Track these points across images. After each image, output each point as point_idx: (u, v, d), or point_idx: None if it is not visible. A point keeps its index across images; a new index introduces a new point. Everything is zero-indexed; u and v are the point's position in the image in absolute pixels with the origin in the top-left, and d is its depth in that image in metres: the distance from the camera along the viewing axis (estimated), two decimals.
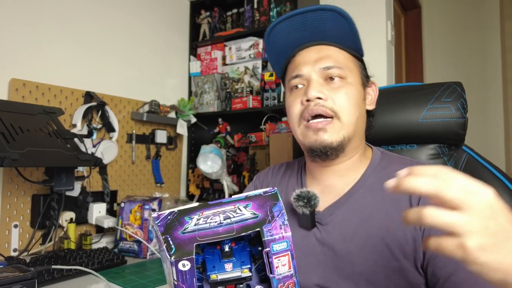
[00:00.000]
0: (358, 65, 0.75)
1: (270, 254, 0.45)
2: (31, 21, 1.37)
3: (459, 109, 0.80)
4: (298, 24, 0.71)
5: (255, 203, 0.47)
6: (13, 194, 1.29)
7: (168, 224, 0.44)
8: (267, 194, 0.48)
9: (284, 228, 0.45)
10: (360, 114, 0.72)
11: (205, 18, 2.08)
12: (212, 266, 0.47)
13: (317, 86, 0.68)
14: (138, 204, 1.37)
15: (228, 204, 0.47)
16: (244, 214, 0.46)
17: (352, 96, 0.69)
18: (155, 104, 1.77)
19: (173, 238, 0.43)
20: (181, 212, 0.46)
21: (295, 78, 0.73)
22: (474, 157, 0.83)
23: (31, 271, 0.82)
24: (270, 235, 0.44)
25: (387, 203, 0.67)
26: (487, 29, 2.66)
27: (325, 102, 0.68)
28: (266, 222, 0.45)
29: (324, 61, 0.70)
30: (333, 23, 0.70)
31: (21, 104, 1.25)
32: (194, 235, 0.44)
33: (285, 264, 0.45)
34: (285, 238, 0.45)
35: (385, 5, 1.74)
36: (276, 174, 0.89)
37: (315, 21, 0.70)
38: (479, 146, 0.95)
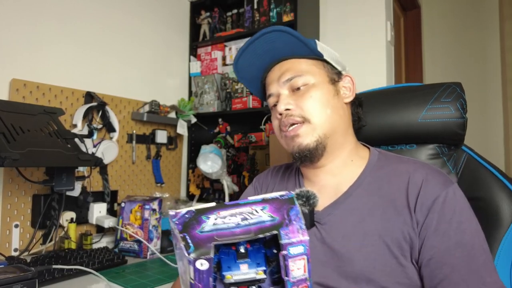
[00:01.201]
0: (322, 66, 0.77)
1: (287, 257, 0.45)
2: (32, 21, 1.37)
3: (459, 109, 0.80)
4: (252, 53, 0.79)
5: (271, 206, 0.47)
6: (13, 194, 1.29)
7: (186, 222, 0.45)
8: (283, 197, 0.48)
9: (301, 232, 0.45)
10: (333, 110, 0.74)
11: (205, 19, 2.09)
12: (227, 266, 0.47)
13: (285, 99, 0.74)
14: (138, 204, 1.37)
15: (245, 205, 0.47)
16: (261, 216, 0.46)
17: (317, 97, 0.73)
18: (155, 104, 1.78)
19: (191, 236, 0.43)
20: (199, 211, 0.46)
21: (269, 97, 0.79)
22: (473, 157, 0.83)
23: (31, 271, 0.82)
24: (288, 238, 0.45)
25: (384, 202, 0.68)
26: (486, 29, 2.67)
27: (293, 112, 0.73)
28: (283, 225, 0.45)
29: (284, 75, 0.76)
30: (280, 41, 0.76)
31: (22, 104, 1.26)
32: (212, 234, 0.44)
33: (300, 268, 0.45)
34: (302, 242, 0.45)
35: (384, 5, 1.74)
36: (275, 176, 0.90)
37: (264, 45, 0.77)
38: (479, 146, 0.95)
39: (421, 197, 0.64)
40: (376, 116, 0.88)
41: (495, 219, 0.74)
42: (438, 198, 0.63)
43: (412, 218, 0.64)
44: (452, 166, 0.83)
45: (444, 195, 0.64)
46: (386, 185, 0.69)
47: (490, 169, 0.79)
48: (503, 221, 0.73)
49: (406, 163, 0.72)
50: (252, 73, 0.83)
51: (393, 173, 0.71)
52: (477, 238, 0.61)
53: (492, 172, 0.78)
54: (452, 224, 0.62)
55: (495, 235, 0.74)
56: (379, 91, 0.95)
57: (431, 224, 0.62)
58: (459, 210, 0.63)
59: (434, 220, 0.62)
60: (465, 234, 0.61)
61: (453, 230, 0.61)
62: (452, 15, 2.82)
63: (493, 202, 0.75)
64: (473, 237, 0.61)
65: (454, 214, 0.62)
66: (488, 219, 0.75)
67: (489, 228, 0.74)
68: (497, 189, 0.76)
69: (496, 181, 0.77)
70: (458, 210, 0.63)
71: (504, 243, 0.73)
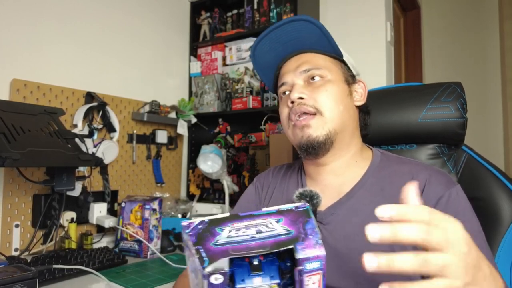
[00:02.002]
0: (339, 65, 0.78)
1: (303, 272, 0.44)
2: (32, 22, 1.37)
3: (459, 109, 0.80)
4: (275, 39, 0.77)
5: (287, 218, 0.47)
6: (14, 194, 1.29)
7: (200, 234, 0.43)
8: (298, 209, 0.48)
9: (318, 247, 0.44)
10: (345, 108, 0.74)
11: (205, 19, 2.09)
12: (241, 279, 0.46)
13: (299, 88, 0.73)
14: (138, 204, 1.38)
15: (259, 217, 0.46)
16: (276, 230, 0.45)
17: (332, 92, 0.73)
18: (156, 104, 1.78)
19: (206, 249, 0.42)
20: (212, 222, 0.45)
21: (281, 86, 0.78)
22: (473, 157, 0.83)
23: (32, 271, 0.83)
24: (304, 254, 0.44)
25: (386, 203, 0.67)
26: (486, 29, 2.67)
27: (306, 101, 0.72)
28: (299, 239, 0.45)
29: (303, 65, 0.75)
30: (306, 31, 0.75)
31: (22, 104, 1.26)
32: (226, 248, 0.43)
33: (315, 282, 0.45)
34: (319, 258, 0.44)
35: (384, 5, 1.74)
36: (276, 175, 0.89)
37: (290, 32, 0.76)
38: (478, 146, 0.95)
39: (423, 197, 0.64)
40: (376, 116, 0.88)
41: (495, 218, 0.75)
42: (442, 199, 0.64)
43: None
44: (452, 166, 0.83)
45: (448, 196, 0.64)
46: (388, 186, 0.70)
47: (490, 169, 0.79)
48: (503, 221, 0.74)
49: (409, 164, 0.72)
50: (268, 59, 0.81)
51: (395, 174, 0.71)
52: (479, 239, 0.62)
53: (492, 172, 0.78)
54: None
55: (495, 234, 0.74)
56: (379, 91, 0.95)
57: None
58: (462, 211, 0.63)
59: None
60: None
61: None
62: (452, 15, 2.82)
63: (493, 201, 0.76)
64: (474, 237, 0.61)
65: (456, 215, 0.62)
66: (488, 218, 0.75)
67: (489, 227, 0.74)
68: (497, 188, 0.76)
69: (496, 181, 0.77)
70: (460, 211, 0.63)
71: (504, 243, 0.73)
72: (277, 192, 0.85)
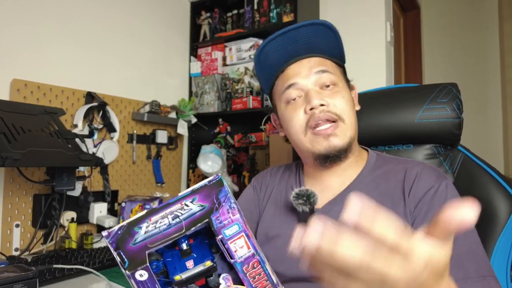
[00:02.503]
0: (342, 72, 0.78)
1: (224, 240, 0.44)
2: (32, 22, 1.38)
3: (455, 110, 0.81)
4: (290, 39, 0.74)
5: (201, 195, 0.46)
6: (14, 194, 1.30)
7: (119, 238, 0.43)
8: (211, 182, 0.46)
9: (231, 212, 0.45)
10: (355, 115, 0.75)
11: (205, 19, 2.09)
12: (173, 268, 0.47)
13: (317, 94, 0.71)
14: (139, 204, 1.38)
15: (175, 203, 0.46)
16: (191, 209, 0.45)
17: (347, 99, 0.73)
18: (156, 104, 1.78)
19: (125, 251, 0.43)
20: (130, 224, 0.44)
21: (289, 88, 0.74)
22: (469, 157, 0.83)
23: (32, 271, 0.83)
24: (219, 222, 0.44)
25: (382, 198, 0.69)
26: (486, 30, 2.67)
27: (328, 108, 0.70)
28: (213, 210, 0.45)
29: (316, 66, 0.73)
30: (323, 37, 0.74)
31: (23, 104, 1.26)
32: (144, 243, 0.43)
33: (242, 245, 0.45)
34: (234, 221, 0.45)
35: (384, 6, 1.75)
36: (274, 175, 0.90)
37: (307, 35, 0.74)
38: (478, 147, 0.96)
39: (414, 189, 0.67)
40: (373, 116, 0.89)
41: (491, 218, 0.75)
42: (430, 190, 0.65)
43: (405, 208, 0.66)
44: (448, 166, 0.84)
45: (436, 187, 0.66)
46: (384, 183, 0.71)
47: (486, 169, 0.79)
48: (499, 220, 0.74)
49: (404, 163, 0.74)
50: (274, 59, 0.77)
51: (391, 172, 0.72)
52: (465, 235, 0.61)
53: (487, 171, 0.79)
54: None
55: (491, 234, 0.74)
56: (376, 92, 0.95)
57: (420, 213, 0.64)
58: (449, 201, 0.63)
59: (423, 209, 0.64)
60: None
61: None
62: (451, 16, 2.82)
63: (489, 201, 0.76)
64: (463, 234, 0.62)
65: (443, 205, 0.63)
66: (484, 218, 0.75)
67: (485, 227, 0.75)
68: (492, 188, 0.77)
69: (492, 180, 0.77)
70: (448, 202, 0.63)
71: (500, 242, 0.73)
72: (275, 192, 0.86)
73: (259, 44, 1.88)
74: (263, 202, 0.87)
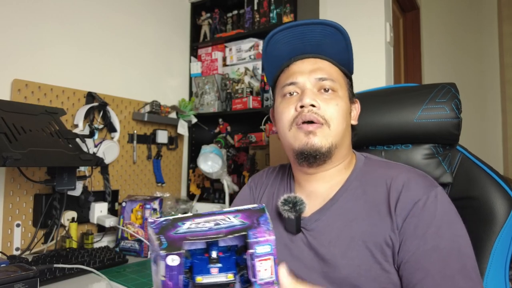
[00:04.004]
0: (347, 82, 0.77)
1: (254, 256, 0.46)
2: (33, 22, 1.39)
3: (454, 110, 0.81)
4: (298, 34, 0.73)
5: (243, 214, 0.50)
6: (15, 194, 1.30)
7: (163, 226, 0.47)
8: (255, 208, 0.51)
9: (268, 233, 0.47)
10: (347, 126, 0.74)
11: (205, 20, 2.10)
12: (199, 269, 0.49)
13: (311, 95, 0.71)
14: (139, 204, 1.39)
15: (220, 214, 0.50)
16: (233, 222, 0.49)
17: (341, 108, 0.72)
18: (156, 104, 1.79)
19: (166, 237, 0.46)
20: (175, 219, 0.49)
21: (289, 85, 0.74)
22: (468, 157, 0.84)
23: (33, 270, 0.83)
24: (255, 238, 0.47)
25: (369, 207, 0.68)
26: (485, 31, 2.68)
27: (317, 110, 0.70)
28: (252, 227, 0.48)
29: (318, 72, 0.73)
30: (331, 39, 0.73)
31: (24, 104, 1.27)
32: (184, 235, 0.46)
33: (267, 269, 0.47)
34: (268, 241, 0.47)
35: (384, 6, 1.75)
36: (269, 176, 0.90)
37: (316, 34, 0.73)
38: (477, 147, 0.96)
39: (400, 201, 0.64)
40: (372, 116, 0.89)
41: (489, 218, 0.75)
42: (418, 202, 0.63)
43: (393, 222, 0.64)
44: (447, 166, 0.84)
45: (425, 199, 0.63)
46: (371, 189, 0.70)
47: (484, 169, 0.79)
48: (497, 220, 0.74)
49: (392, 168, 0.72)
50: (281, 51, 0.76)
51: (378, 178, 0.70)
52: (457, 243, 0.60)
53: (486, 171, 0.79)
54: (430, 228, 0.61)
55: (490, 233, 0.74)
56: (375, 92, 0.96)
57: (409, 228, 0.62)
58: (440, 214, 0.62)
59: (412, 224, 0.62)
60: (442, 239, 0.60)
61: (430, 234, 0.60)
62: (451, 16, 2.83)
63: (487, 201, 0.76)
64: (452, 242, 0.60)
65: (433, 219, 0.62)
66: (482, 218, 0.75)
67: (483, 227, 0.75)
68: (491, 188, 0.76)
69: (490, 180, 0.77)
70: (438, 214, 0.62)
71: (499, 242, 0.73)
72: (267, 194, 0.86)
73: (259, 44, 1.89)
74: (257, 202, 0.87)
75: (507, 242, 0.74)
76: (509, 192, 0.76)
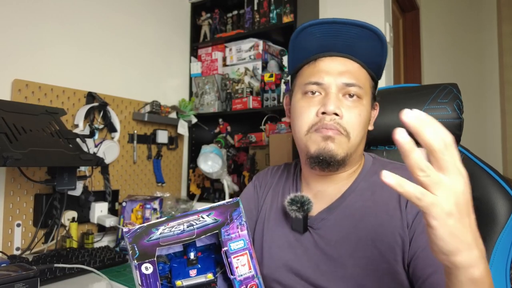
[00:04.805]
0: (372, 87, 0.75)
1: (229, 253, 0.47)
2: (34, 22, 1.38)
3: (455, 110, 0.81)
4: (333, 32, 0.70)
5: (217, 211, 0.50)
6: (15, 194, 1.30)
7: (137, 235, 0.47)
8: (229, 203, 0.50)
9: (240, 227, 0.48)
10: (364, 134, 0.73)
11: (205, 20, 2.10)
12: (177, 273, 0.50)
13: (336, 101, 0.68)
14: (139, 203, 1.39)
15: (193, 214, 0.50)
16: (206, 221, 0.49)
17: (363, 118, 0.70)
18: (156, 104, 1.79)
19: (139, 245, 0.46)
20: (149, 226, 0.48)
21: (313, 84, 0.71)
22: (470, 158, 0.84)
23: (33, 270, 0.83)
24: (227, 235, 0.47)
25: (377, 207, 0.68)
26: (484, 31, 2.68)
27: (340, 120, 0.68)
28: (224, 224, 0.48)
29: (346, 75, 0.70)
30: (366, 41, 0.69)
31: (24, 104, 1.27)
32: (157, 241, 0.47)
33: (244, 264, 0.47)
34: (241, 237, 0.47)
35: (383, 6, 1.75)
36: (274, 175, 0.90)
37: (351, 35, 0.69)
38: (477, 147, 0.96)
39: (409, 202, 0.63)
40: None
41: (491, 218, 0.75)
42: None
43: (403, 220, 0.64)
44: None
45: None
46: (379, 190, 0.70)
47: (486, 169, 0.80)
48: (498, 220, 0.74)
49: (400, 168, 0.72)
50: (309, 44, 0.72)
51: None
52: None
53: (487, 172, 0.79)
54: None
55: (491, 234, 0.74)
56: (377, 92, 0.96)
57: (419, 225, 0.63)
58: None
59: (421, 222, 0.62)
60: None
61: None
62: (450, 17, 2.84)
63: (489, 201, 0.76)
64: None
65: None
66: (484, 218, 0.76)
67: (484, 227, 0.75)
68: (492, 188, 0.77)
69: (492, 181, 0.77)
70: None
71: (500, 242, 0.74)
72: (273, 193, 0.86)
73: (259, 44, 1.89)
74: (261, 201, 0.87)
75: (508, 242, 0.74)
76: (510, 193, 0.76)
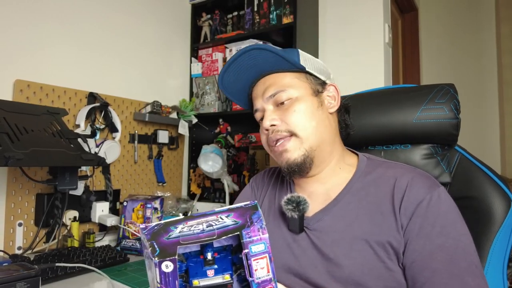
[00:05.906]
0: (305, 78, 0.77)
1: (249, 256, 0.47)
2: (35, 23, 1.39)
3: (452, 110, 0.82)
4: (236, 70, 0.78)
5: (236, 213, 0.50)
6: (17, 193, 1.31)
7: (155, 232, 0.47)
8: (247, 206, 0.51)
9: (261, 231, 0.48)
10: (318, 122, 0.74)
11: (206, 21, 2.11)
12: (194, 272, 0.49)
13: (270, 115, 0.75)
14: (140, 203, 1.39)
15: (212, 215, 0.50)
16: (225, 222, 0.49)
17: (302, 110, 0.73)
18: (157, 104, 1.80)
19: (158, 243, 0.46)
20: (167, 223, 0.48)
21: (255, 112, 0.81)
22: (466, 157, 0.84)
23: (35, 269, 0.84)
24: (248, 237, 0.47)
25: (372, 207, 0.69)
26: (483, 32, 2.69)
27: (279, 127, 0.73)
28: (245, 226, 0.48)
29: (268, 90, 0.76)
30: (261, 58, 0.76)
31: (26, 104, 1.27)
32: (177, 239, 0.46)
33: (263, 267, 0.47)
34: (262, 240, 0.47)
35: (382, 7, 1.76)
36: (269, 178, 0.92)
37: (247, 61, 0.77)
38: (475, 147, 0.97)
39: (405, 201, 0.65)
40: (371, 117, 0.90)
41: (488, 218, 0.76)
42: (422, 202, 0.64)
43: (397, 222, 0.65)
44: (445, 166, 0.85)
45: (428, 199, 0.64)
46: (373, 190, 0.70)
47: (483, 169, 0.80)
48: (495, 220, 0.75)
49: (394, 168, 0.73)
50: (237, 87, 0.83)
51: (380, 178, 0.71)
52: (462, 242, 0.61)
53: (484, 171, 0.80)
54: (435, 227, 0.62)
55: (488, 233, 0.75)
56: (375, 92, 0.96)
57: (414, 228, 0.63)
58: (443, 213, 0.63)
59: (417, 223, 0.63)
60: (448, 238, 0.61)
61: (435, 233, 0.62)
62: (449, 17, 2.84)
63: (486, 201, 0.77)
64: (457, 240, 0.61)
65: (437, 218, 0.63)
66: (481, 217, 0.76)
67: (481, 226, 0.76)
68: (489, 188, 0.77)
69: (489, 180, 0.78)
70: (442, 214, 0.63)
71: (497, 241, 0.74)
72: (269, 195, 0.87)
73: None
74: (259, 202, 0.88)
75: (505, 241, 0.75)
76: (507, 192, 0.77)
